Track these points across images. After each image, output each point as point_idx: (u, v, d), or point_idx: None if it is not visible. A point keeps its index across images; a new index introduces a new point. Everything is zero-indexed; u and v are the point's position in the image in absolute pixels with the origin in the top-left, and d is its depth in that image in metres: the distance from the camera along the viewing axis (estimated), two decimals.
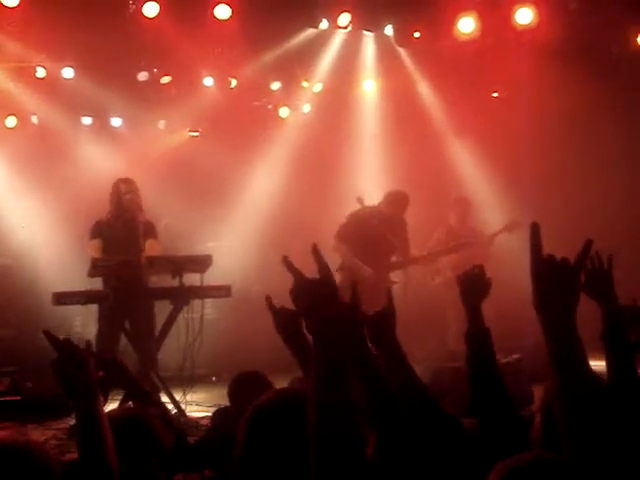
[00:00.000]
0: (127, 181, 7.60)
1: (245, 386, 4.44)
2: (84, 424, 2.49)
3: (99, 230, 7.53)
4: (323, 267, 1.99)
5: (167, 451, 2.87)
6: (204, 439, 4.22)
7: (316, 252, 1.99)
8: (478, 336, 3.18)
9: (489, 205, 10.17)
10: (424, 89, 10.38)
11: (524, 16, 8.45)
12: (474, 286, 3.27)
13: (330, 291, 1.97)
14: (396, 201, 8.40)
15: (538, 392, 5.37)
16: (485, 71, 9.69)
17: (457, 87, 10.12)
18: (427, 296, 9.17)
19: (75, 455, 2.54)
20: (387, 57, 9.96)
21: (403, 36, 9.11)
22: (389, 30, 9.09)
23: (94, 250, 7.41)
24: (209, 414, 5.84)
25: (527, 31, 8.55)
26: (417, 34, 8.95)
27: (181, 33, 8.95)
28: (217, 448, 3.28)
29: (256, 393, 2.43)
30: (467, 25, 8.60)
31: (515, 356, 6.78)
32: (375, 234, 8.09)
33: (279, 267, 2.03)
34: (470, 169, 10.58)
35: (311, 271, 2.00)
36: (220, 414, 4.70)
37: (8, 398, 6.78)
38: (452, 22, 8.65)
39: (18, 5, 7.67)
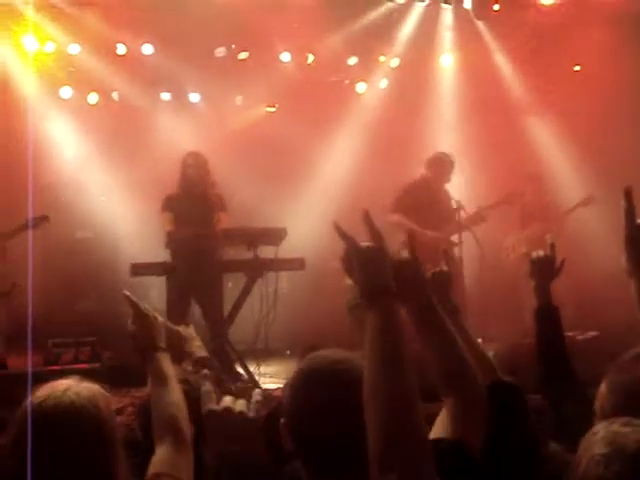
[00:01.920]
0: (193, 154, 7.70)
1: None
2: (152, 383, 2.64)
3: (169, 204, 7.67)
4: (376, 234, 1.94)
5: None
6: (275, 410, 4.27)
7: (367, 219, 1.95)
8: (547, 314, 3.21)
9: (569, 181, 9.95)
10: (502, 63, 10.19)
11: None
12: (544, 267, 3.27)
13: (383, 258, 1.92)
14: (438, 163, 8.29)
15: None
16: (566, 45, 9.46)
17: (537, 61, 9.91)
18: (502, 273, 9.06)
19: None
20: (465, 31, 9.81)
21: (482, 8, 8.99)
22: (468, 3, 8.96)
23: (166, 223, 7.55)
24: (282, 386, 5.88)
25: (610, 0, 8.32)
26: (496, 6, 8.81)
27: (258, 9, 9.00)
28: None
29: None
30: None
31: (592, 333, 6.66)
32: (429, 201, 8.03)
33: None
34: (550, 145, 10.35)
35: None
36: None
37: (88, 366, 6.97)
38: None
39: None
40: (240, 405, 2.12)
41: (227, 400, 2.14)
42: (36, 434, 2.14)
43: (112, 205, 9.60)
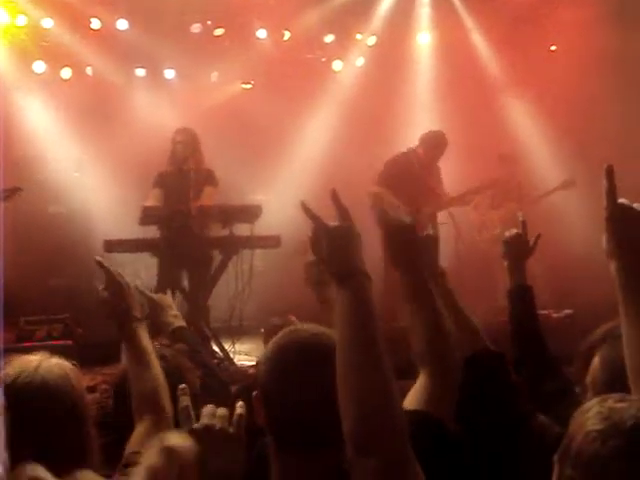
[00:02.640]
0: (181, 131, 7.68)
1: None
2: (130, 358, 2.61)
3: (160, 180, 7.65)
4: (344, 213, 1.91)
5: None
6: (248, 386, 4.27)
7: (335, 198, 1.92)
8: (520, 294, 3.21)
9: (545, 161, 9.97)
10: (480, 41, 10.18)
11: None
12: (517, 246, 3.28)
13: (352, 237, 1.89)
14: (433, 142, 8.31)
15: None
16: (543, 24, 9.46)
17: (514, 40, 9.91)
18: (475, 251, 9.09)
19: None
20: (443, 8, 9.81)
21: None
22: None
23: (153, 199, 7.52)
24: None
25: None
26: None
27: None
28: None
29: None
30: None
31: (567, 311, 6.72)
32: (416, 177, 8.05)
33: (331, 220, 1.95)
34: (526, 124, 10.36)
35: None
36: None
37: (60, 342, 6.92)
38: None
39: None
40: (221, 418, 2.07)
41: (207, 412, 2.09)
42: (8, 411, 2.11)
43: (86, 180, 9.50)
